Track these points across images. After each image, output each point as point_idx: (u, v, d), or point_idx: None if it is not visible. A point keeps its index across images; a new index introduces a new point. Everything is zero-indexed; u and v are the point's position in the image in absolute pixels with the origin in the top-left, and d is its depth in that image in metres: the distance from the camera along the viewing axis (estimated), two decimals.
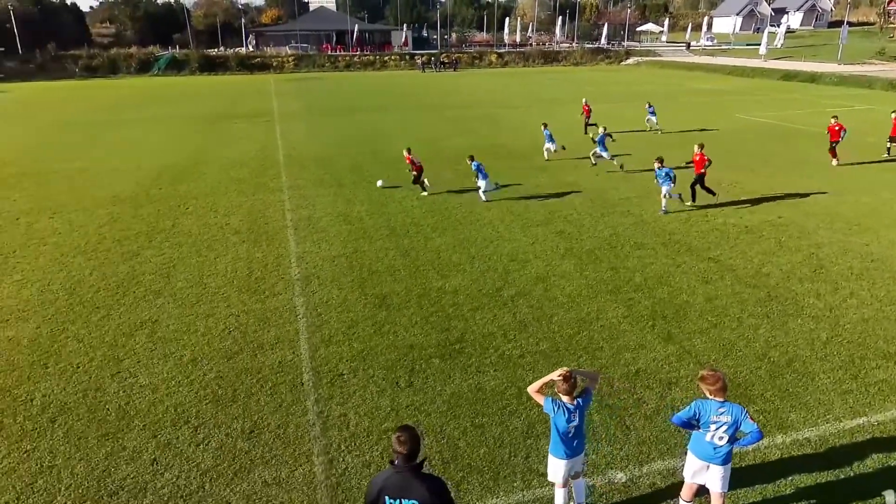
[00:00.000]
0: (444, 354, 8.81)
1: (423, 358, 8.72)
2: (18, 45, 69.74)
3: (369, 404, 7.69)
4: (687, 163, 16.73)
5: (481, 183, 16.26)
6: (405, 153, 17.63)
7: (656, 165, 15.05)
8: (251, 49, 79.09)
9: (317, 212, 15.67)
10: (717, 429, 5.23)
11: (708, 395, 5.28)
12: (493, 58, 76.42)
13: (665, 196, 15.09)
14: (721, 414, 5.21)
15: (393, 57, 75.61)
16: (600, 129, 19.94)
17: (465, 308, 10.22)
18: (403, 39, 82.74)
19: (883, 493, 5.42)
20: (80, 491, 6.31)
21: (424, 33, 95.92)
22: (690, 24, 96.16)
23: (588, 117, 26.54)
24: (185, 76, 66.39)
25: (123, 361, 8.73)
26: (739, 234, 13.56)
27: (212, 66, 69.20)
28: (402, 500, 4.08)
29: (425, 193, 17.16)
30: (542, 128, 21.59)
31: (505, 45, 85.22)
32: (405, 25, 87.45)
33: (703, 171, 15.44)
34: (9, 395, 7.95)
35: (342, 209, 15.84)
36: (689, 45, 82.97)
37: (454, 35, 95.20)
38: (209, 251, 12.97)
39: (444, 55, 73.84)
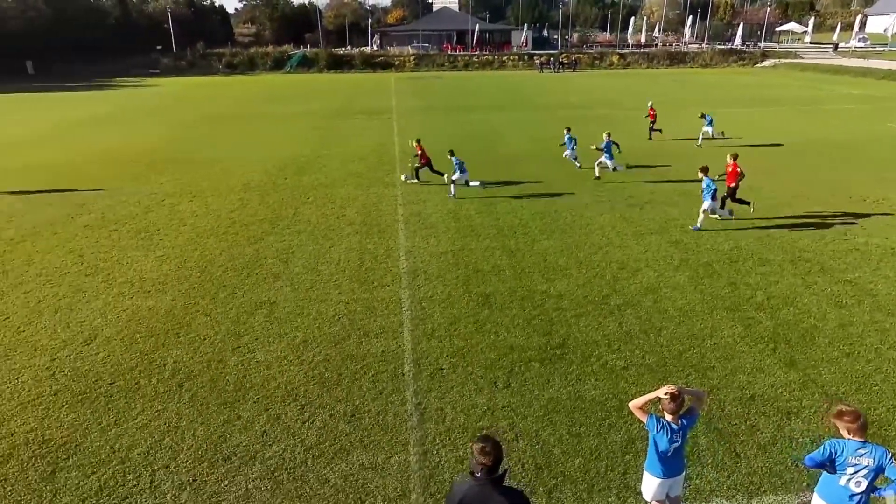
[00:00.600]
0: (544, 359, 8.69)
1: (523, 360, 8.66)
2: (173, 43, 77.27)
3: (466, 401, 7.76)
4: (720, 175, 14.93)
5: (456, 176, 16.99)
6: (415, 143, 18.67)
7: (700, 176, 13.87)
8: (375, 48, 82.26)
9: (427, 208, 16.02)
10: (854, 472, 4.68)
11: (845, 433, 4.75)
12: (615, 58, 74.03)
13: (704, 211, 13.77)
14: (861, 456, 4.67)
15: (511, 57, 75.49)
16: (605, 136, 18.68)
17: (568, 313, 10.02)
18: (523, 39, 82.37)
19: (883, 493, 4.71)
20: (199, 452, 6.90)
21: (545, 33, 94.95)
22: (840, 24, 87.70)
23: (653, 122, 25.02)
24: (314, 73, 70.27)
25: (243, 337, 9.42)
26: (884, 255, 12.22)
27: (338, 64, 72.73)
28: None
29: (416, 181, 18.51)
30: (565, 132, 20.66)
31: (629, 46, 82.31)
32: (525, 25, 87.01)
33: (735, 183, 14.32)
34: (146, 358, 8.85)
35: (452, 206, 16.08)
36: (836, 47, 75.74)
37: (575, 35, 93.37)
38: (325, 240, 13.66)
39: (563, 55, 72.64)
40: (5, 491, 6.33)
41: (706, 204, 13.75)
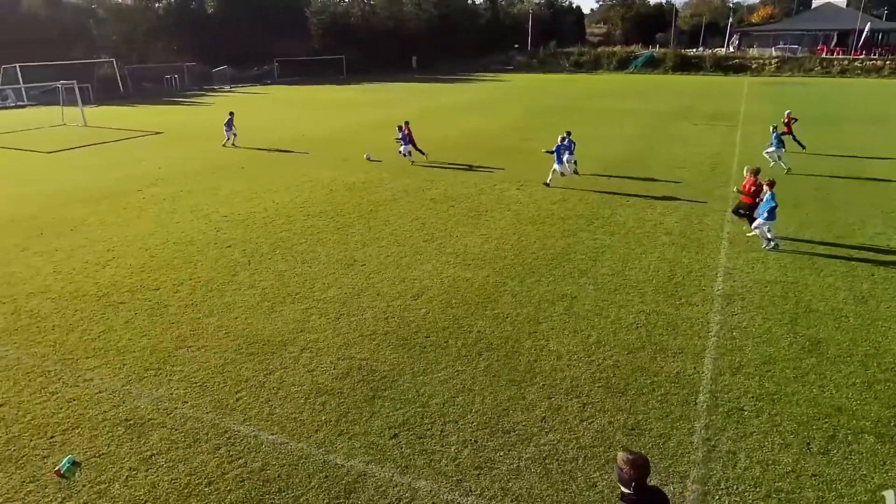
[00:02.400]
0: (882, 435, 7.05)
1: (852, 429, 7.16)
2: (528, 42, 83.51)
3: (766, 453, 6.79)
4: (738, 190, 14.18)
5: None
6: (403, 126, 21.67)
7: (766, 190, 12.70)
8: (731, 50, 75.73)
9: None
10: None
11: None
12: None
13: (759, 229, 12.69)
14: None
15: None
16: (559, 138, 18.67)
17: None
18: None
19: (883, 493, 4.62)
20: (484, 418, 7.50)
21: None
22: None
23: (789, 133, 22.68)
24: (658, 74, 68.20)
25: (541, 324, 9.85)
26: None
27: (686, 65, 69.26)
28: None
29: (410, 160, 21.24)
30: (561, 139, 18.85)
31: None
32: None
33: (754, 199, 13.38)
34: (457, 322, 9.94)
35: (794, 230, 14.00)
36: None
37: None
38: (637, 245, 13.30)
39: None
40: (338, 403, 7.87)
41: (763, 223, 12.77)
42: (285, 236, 14.22)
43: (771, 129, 20.98)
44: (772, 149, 20.46)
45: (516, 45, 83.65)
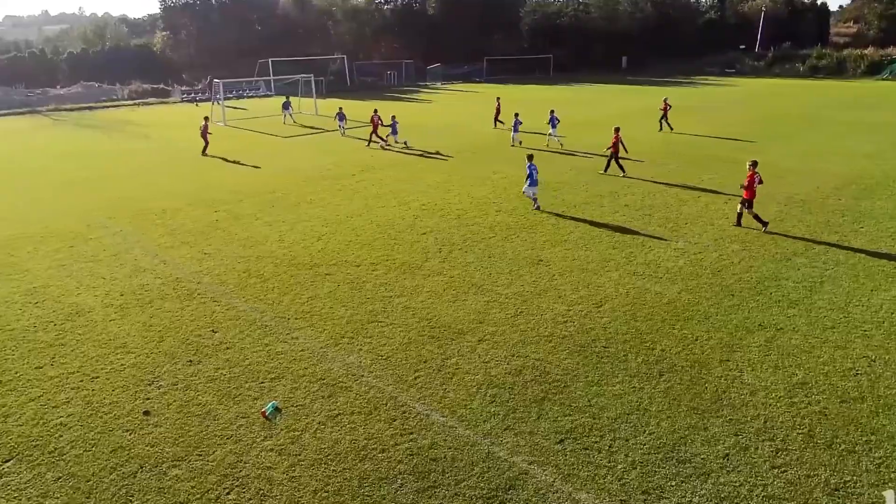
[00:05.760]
0: None
1: None
2: (757, 43, 75.71)
3: None
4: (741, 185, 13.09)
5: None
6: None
7: None
8: None
9: None
10: None
11: None
12: None
13: None
14: None
15: None
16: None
17: None
18: None
19: (883, 493, 4.47)
20: (658, 443, 7.04)
21: None
22: None
23: None
24: None
25: (736, 353, 8.95)
26: None
27: None
28: None
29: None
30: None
31: None
32: None
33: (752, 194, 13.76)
34: (639, 337, 9.44)
35: None
36: None
37: None
38: (868, 279, 11.43)
39: None
40: (508, 398, 7.96)
41: None
42: (476, 229, 14.69)
43: None
44: None
45: (742, 46, 76.25)
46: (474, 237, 14.12)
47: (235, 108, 43.98)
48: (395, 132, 25.73)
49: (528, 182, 16.06)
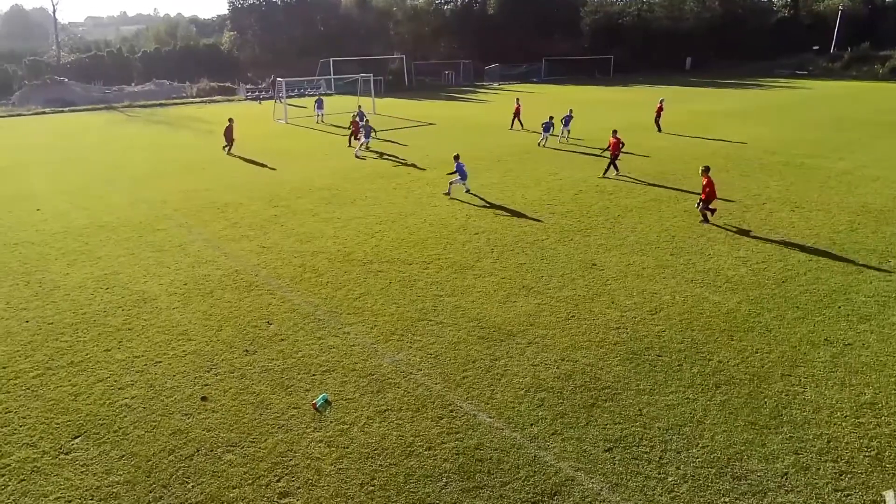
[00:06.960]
0: None
1: None
2: (832, 44, 72.01)
3: None
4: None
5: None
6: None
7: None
8: None
9: None
10: None
11: None
12: None
13: None
14: None
15: None
16: None
17: None
18: None
19: (883, 492, 4.58)
20: (711, 456, 6.80)
21: None
22: None
23: None
24: None
25: (799, 368, 8.56)
26: None
27: None
28: None
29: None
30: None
31: None
32: None
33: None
34: (695, 347, 9.15)
35: None
36: None
37: None
38: None
39: None
40: (556, 402, 7.85)
41: None
42: (528, 231, 14.57)
43: None
44: None
45: (815, 47, 72.66)
46: (527, 238, 14.00)
47: (297, 105, 45.12)
48: (367, 136, 24.39)
49: (460, 178, 17.54)
